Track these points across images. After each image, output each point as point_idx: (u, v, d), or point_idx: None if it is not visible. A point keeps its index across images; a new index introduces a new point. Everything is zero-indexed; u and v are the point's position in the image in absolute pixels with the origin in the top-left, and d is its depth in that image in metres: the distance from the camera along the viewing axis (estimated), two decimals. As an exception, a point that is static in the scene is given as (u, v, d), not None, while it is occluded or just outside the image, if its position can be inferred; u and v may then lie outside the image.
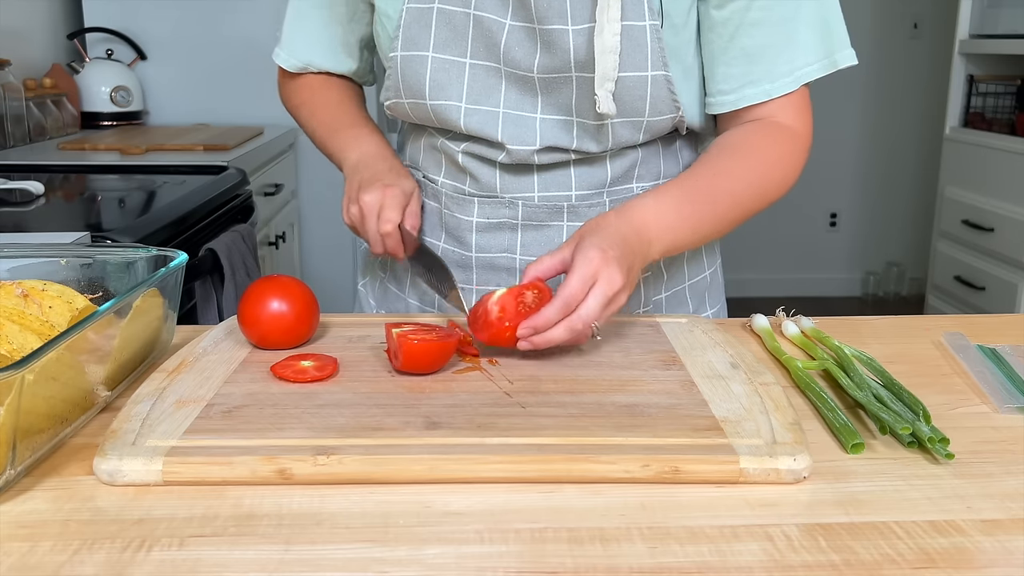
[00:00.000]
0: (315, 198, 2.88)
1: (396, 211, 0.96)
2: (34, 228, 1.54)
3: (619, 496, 0.62)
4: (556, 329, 0.81)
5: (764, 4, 0.91)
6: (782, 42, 0.93)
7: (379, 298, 1.16)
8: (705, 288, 1.11)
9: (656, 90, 0.92)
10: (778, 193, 0.98)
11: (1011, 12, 3.06)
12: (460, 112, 0.95)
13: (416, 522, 0.58)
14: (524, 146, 0.95)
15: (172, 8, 2.73)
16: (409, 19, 0.94)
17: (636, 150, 1.00)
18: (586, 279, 0.81)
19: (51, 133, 2.46)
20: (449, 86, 0.95)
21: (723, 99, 0.96)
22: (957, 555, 0.55)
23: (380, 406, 0.73)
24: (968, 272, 3.19)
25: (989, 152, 3.11)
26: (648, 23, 0.89)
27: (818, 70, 0.95)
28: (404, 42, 0.94)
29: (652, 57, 0.90)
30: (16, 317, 0.71)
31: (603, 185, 1.00)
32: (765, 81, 0.94)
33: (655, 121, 0.95)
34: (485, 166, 0.99)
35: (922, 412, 0.72)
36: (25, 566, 0.53)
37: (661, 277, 1.06)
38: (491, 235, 1.01)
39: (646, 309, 1.06)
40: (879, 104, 4.26)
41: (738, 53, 0.93)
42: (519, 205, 0.99)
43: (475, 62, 0.94)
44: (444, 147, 1.01)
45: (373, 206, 0.96)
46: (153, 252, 0.88)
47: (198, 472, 0.63)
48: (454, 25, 0.93)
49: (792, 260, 4.40)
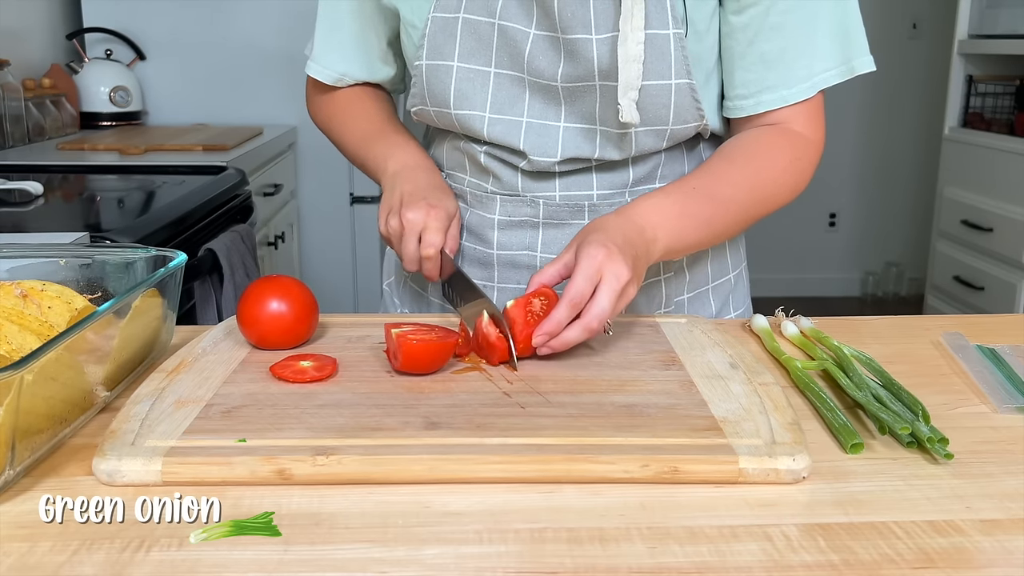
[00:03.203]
0: (314, 198, 2.88)
1: (439, 235, 0.95)
2: (33, 228, 1.54)
3: (618, 496, 0.62)
4: (571, 330, 0.81)
5: (783, 9, 0.91)
6: (800, 48, 0.93)
7: (403, 298, 1.16)
8: (729, 290, 1.11)
9: (680, 98, 0.91)
10: (787, 198, 0.98)
11: (1010, 12, 3.06)
12: (484, 122, 0.96)
13: (415, 522, 0.58)
14: (545, 157, 0.96)
15: (171, 8, 2.73)
16: (434, 28, 0.94)
17: (659, 154, 1.00)
18: (591, 276, 0.81)
19: (50, 133, 2.46)
20: (474, 95, 0.95)
21: (741, 103, 0.96)
22: (956, 555, 0.55)
23: (379, 406, 0.73)
24: (967, 272, 3.19)
25: (988, 152, 3.11)
26: (672, 31, 0.89)
27: (835, 76, 0.94)
28: (429, 51, 0.95)
29: (676, 65, 0.90)
30: (15, 317, 0.71)
31: (625, 186, 1.00)
32: (782, 87, 0.94)
33: (679, 129, 0.95)
34: (507, 168, 1.00)
35: (921, 412, 0.72)
36: (24, 566, 0.53)
37: (684, 278, 1.06)
38: (512, 233, 1.02)
39: (667, 309, 1.06)
40: (878, 104, 4.27)
41: (756, 58, 0.93)
42: (540, 204, 1.00)
43: (499, 71, 0.94)
44: (467, 148, 1.02)
45: (416, 225, 0.95)
46: (152, 252, 0.88)
47: (197, 472, 0.63)
48: (479, 34, 0.93)
49: (791, 260, 4.40)
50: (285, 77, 2.77)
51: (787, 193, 0.98)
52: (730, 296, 1.11)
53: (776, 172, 0.96)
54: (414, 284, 1.14)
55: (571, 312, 0.81)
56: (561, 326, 0.81)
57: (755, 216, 0.97)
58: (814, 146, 0.98)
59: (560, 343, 0.81)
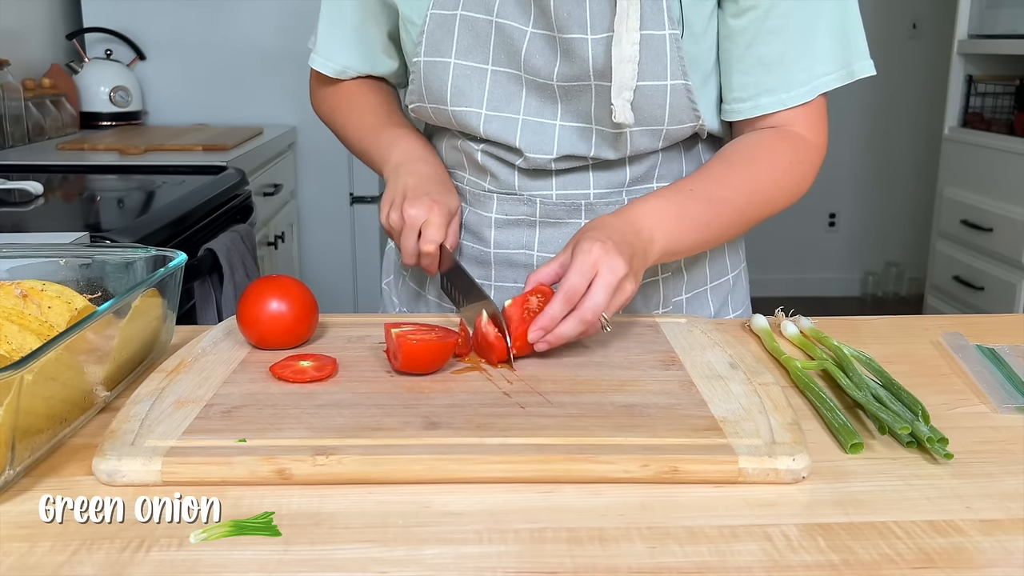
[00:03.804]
0: (314, 198, 2.88)
1: (440, 230, 0.95)
2: (33, 228, 1.54)
3: (618, 496, 0.62)
4: (566, 323, 0.81)
5: (782, 13, 0.91)
6: (799, 51, 0.92)
7: (402, 296, 1.16)
8: (728, 291, 1.11)
9: (675, 99, 0.91)
10: (787, 200, 0.98)
11: (1010, 12, 3.06)
12: (480, 119, 0.96)
13: (415, 522, 0.58)
14: (541, 154, 0.96)
15: (171, 8, 2.73)
16: (432, 25, 0.94)
17: (656, 153, 1.00)
18: (586, 271, 0.81)
19: (50, 133, 2.46)
20: (471, 92, 0.95)
21: (739, 107, 0.96)
22: (956, 555, 0.55)
23: (379, 406, 0.73)
24: (967, 272, 3.20)
25: (988, 152, 3.11)
26: (668, 32, 0.89)
27: (835, 80, 0.94)
28: (427, 48, 0.95)
29: (671, 66, 0.90)
30: (15, 317, 0.71)
31: (622, 185, 1.00)
32: (781, 90, 0.94)
33: (674, 129, 0.95)
34: (504, 166, 1.00)
35: (921, 412, 0.72)
36: (24, 566, 0.53)
37: (682, 278, 1.06)
38: (509, 231, 1.02)
39: (665, 310, 1.06)
40: (878, 104, 4.27)
41: (754, 61, 0.93)
42: (537, 202, 1.00)
43: (496, 69, 0.94)
44: (464, 147, 1.02)
45: (417, 221, 0.95)
46: (152, 252, 0.88)
47: (197, 472, 0.63)
48: (476, 32, 0.93)
49: (791, 260, 4.40)
50: (285, 77, 2.77)
51: (787, 196, 0.98)
52: (729, 297, 1.11)
53: (775, 175, 0.96)
54: (412, 283, 1.14)
55: (566, 306, 0.81)
56: (556, 320, 0.81)
57: (754, 219, 0.97)
58: (816, 149, 0.98)
59: (556, 337, 0.81)
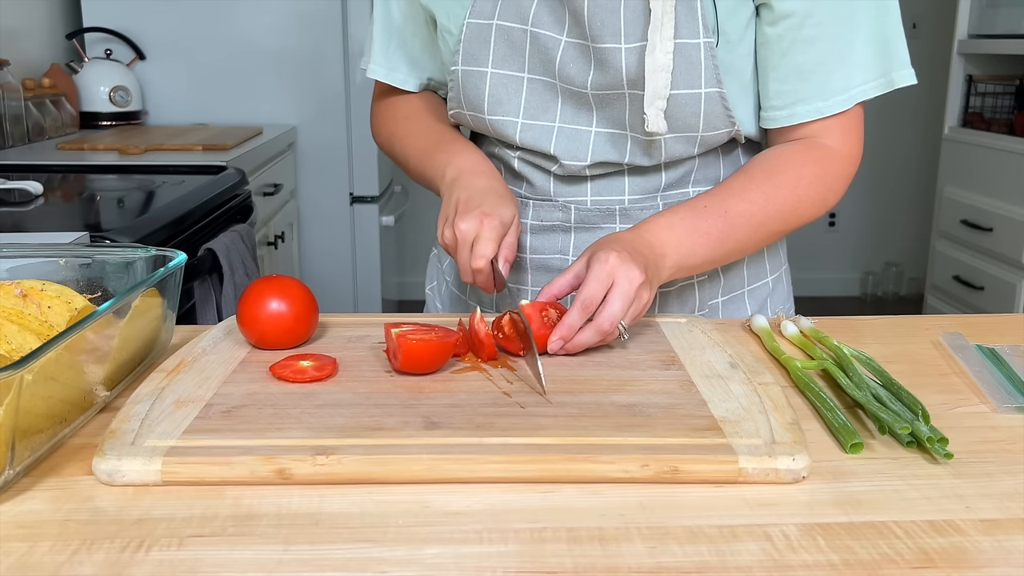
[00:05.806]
0: (314, 198, 2.88)
1: (491, 244, 0.89)
2: (33, 228, 1.54)
3: (618, 496, 0.62)
4: (584, 332, 0.82)
5: (819, 21, 0.90)
6: (836, 60, 0.91)
7: (444, 301, 1.17)
8: (767, 293, 1.10)
9: (710, 106, 0.91)
10: (813, 212, 0.97)
11: (1010, 12, 3.06)
12: (516, 128, 0.96)
13: (415, 522, 0.58)
14: (576, 161, 0.96)
15: (171, 8, 2.73)
16: (469, 34, 0.95)
17: (693, 159, 0.99)
18: (602, 280, 0.82)
19: (50, 133, 2.46)
20: (508, 101, 0.96)
21: (776, 115, 0.95)
22: (956, 555, 0.55)
23: (379, 406, 0.73)
24: (967, 272, 3.19)
25: (988, 152, 3.11)
26: (702, 40, 0.89)
27: (874, 89, 0.93)
28: (464, 57, 0.96)
29: (706, 75, 0.89)
30: (15, 317, 0.71)
31: (657, 190, 1.00)
32: (817, 99, 0.93)
33: (709, 136, 0.94)
34: (540, 173, 1.00)
35: (921, 412, 0.72)
36: (24, 566, 0.53)
37: (718, 281, 1.05)
38: (545, 237, 1.03)
39: (702, 312, 1.05)
40: (878, 104, 4.22)
41: (790, 70, 0.92)
42: (572, 208, 1.00)
43: (532, 77, 0.95)
44: (502, 154, 1.03)
45: (468, 236, 0.90)
46: (152, 252, 0.88)
47: (197, 472, 0.63)
48: (512, 41, 0.94)
49: (791, 260, 4.38)
50: (285, 77, 2.77)
51: (811, 207, 0.96)
52: (768, 300, 1.10)
53: (799, 187, 0.95)
54: (455, 288, 1.14)
55: (583, 315, 0.82)
56: (574, 330, 0.82)
57: (775, 231, 0.96)
58: (846, 160, 0.96)
59: (574, 346, 0.82)
